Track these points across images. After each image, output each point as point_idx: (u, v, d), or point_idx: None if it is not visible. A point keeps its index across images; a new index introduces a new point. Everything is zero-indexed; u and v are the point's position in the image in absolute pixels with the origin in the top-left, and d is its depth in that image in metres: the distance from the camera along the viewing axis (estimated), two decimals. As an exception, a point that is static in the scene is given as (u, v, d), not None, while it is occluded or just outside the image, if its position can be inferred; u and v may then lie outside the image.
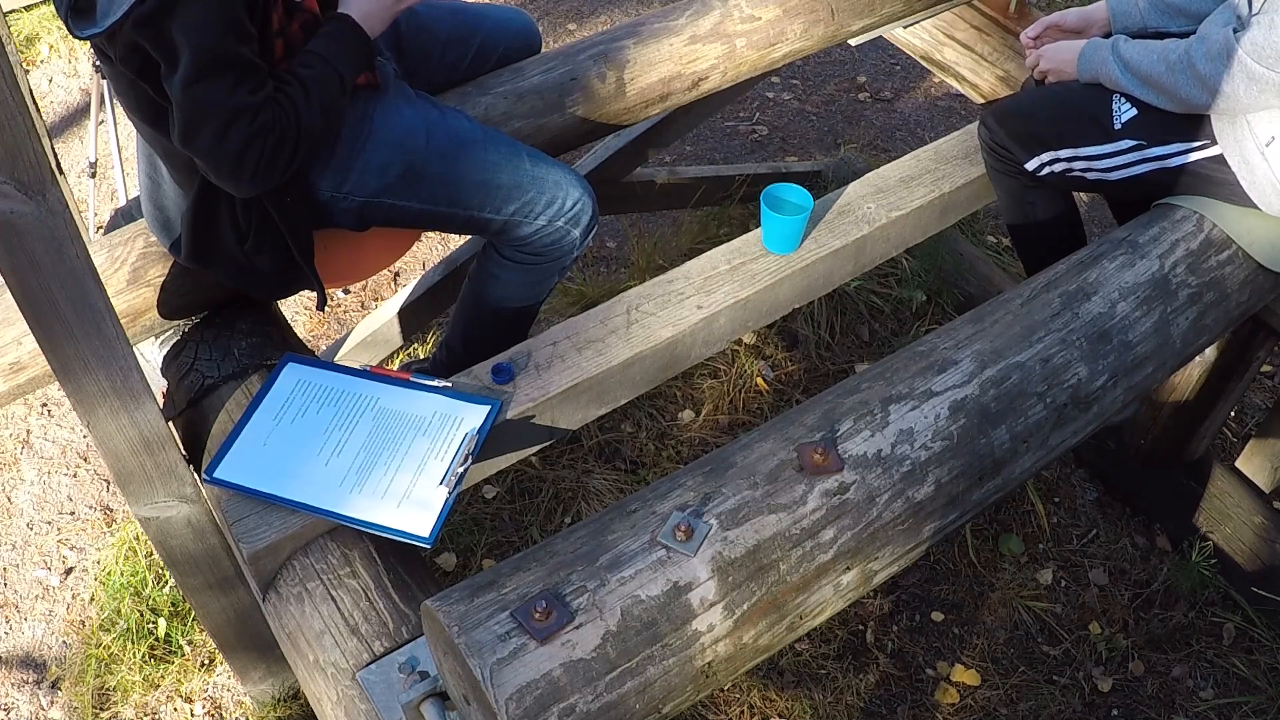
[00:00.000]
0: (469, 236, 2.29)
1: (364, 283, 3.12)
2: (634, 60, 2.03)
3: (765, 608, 1.27)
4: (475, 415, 1.57)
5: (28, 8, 3.94)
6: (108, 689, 2.24)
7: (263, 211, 1.62)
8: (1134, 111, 1.74)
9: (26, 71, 3.66)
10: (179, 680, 2.25)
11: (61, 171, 1.17)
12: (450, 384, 1.62)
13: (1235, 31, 1.58)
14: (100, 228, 2.99)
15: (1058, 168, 1.83)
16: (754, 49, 2.14)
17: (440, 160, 1.69)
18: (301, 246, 1.67)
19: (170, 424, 1.56)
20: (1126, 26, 1.88)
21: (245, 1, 1.43)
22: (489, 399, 1.59)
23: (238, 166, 1.46)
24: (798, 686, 2.27)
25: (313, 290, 1.76)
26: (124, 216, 1.91)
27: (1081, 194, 2.81)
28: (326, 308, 3.05)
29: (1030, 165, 1.86)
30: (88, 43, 3.70)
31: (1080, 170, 1.82)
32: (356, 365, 1.73)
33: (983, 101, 2.46)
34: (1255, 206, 1.72)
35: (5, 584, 2.43)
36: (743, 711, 2.22)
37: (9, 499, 2.59)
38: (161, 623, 2.30)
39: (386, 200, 1.69)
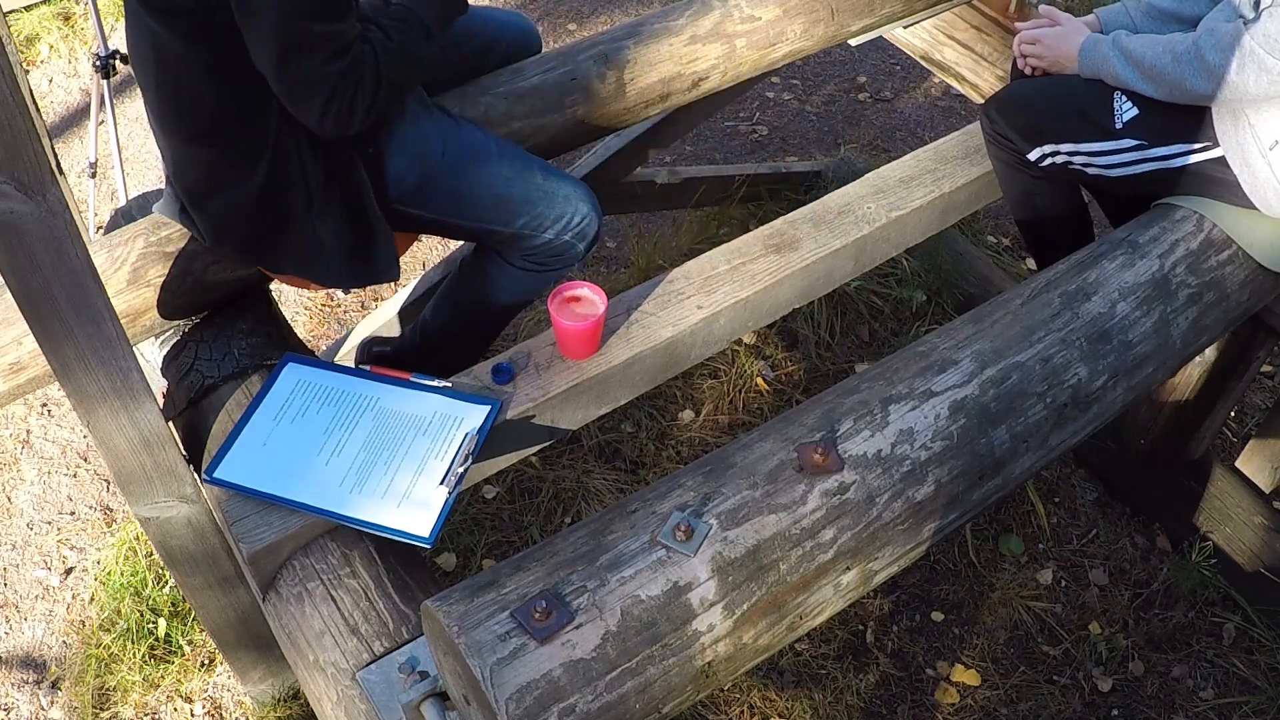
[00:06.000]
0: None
1: (364, 283, 3.11)
2: (634, 60, 2.03)
3: (765, 608, 1.27)
4: (475, 415, 1.57)
5: (28, 8, 3.94)
6: (108, 689, 2.24)
7: (332, 178, 1.62)
8: (1135, 111, 1.74)
9: (26, 71, 3.66)
10: (179, 680, 2.25)
11: (61, 171, 1.17)
12: (450, 384, 1.62)
13: (1244, 24, 1.59)
14: (100, 228, 2.99)
15: (1059, 159, 1.84)
16: (754, 49, 2.14)
17: (454, 172, 1.70)
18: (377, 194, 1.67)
19: (170, 424, 1.56)
20: None
21: None
22: (489, 399, 1.59)
23: (327, 102, 1.47)
24: (798, 686, 2.27)
25: (380, 279, 1.73)
26: (124, 216, 1.91)
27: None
28: (327, 308, 3.05)
29: (1032, 156, 1.86)
30: (91, 44, 3.68)
31: (1080, 164, 1.82)
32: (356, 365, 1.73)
33: (982, 101, 2.45)
34: (1255, 208, 1.72)
35: (5, 584, 2.43)
36: (743, 711, 2.22)
37: (9, 499, 2.59)
38: (161, 623, 2.30)
39: (398, 208, 1.70)
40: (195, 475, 1.62)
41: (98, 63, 2.63)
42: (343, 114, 1.49)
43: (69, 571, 2.45)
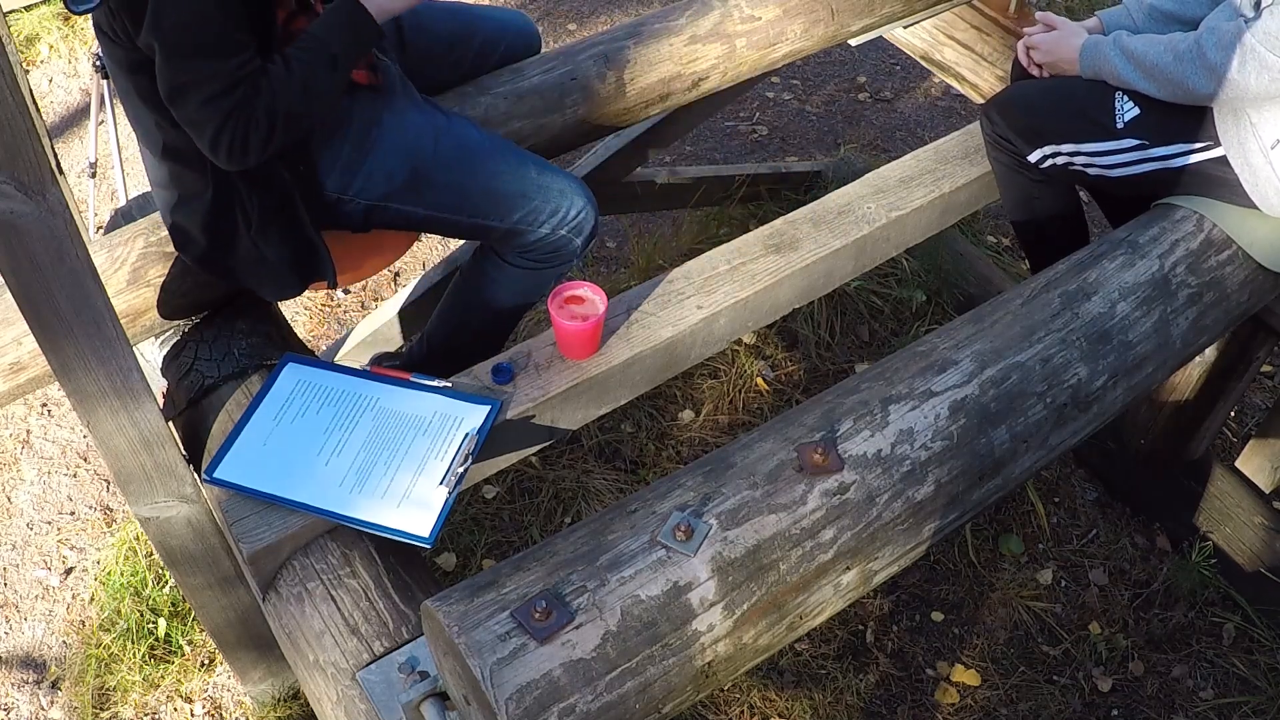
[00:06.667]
0: (469, 237, 2.29)
1: (364, 283, 3.12)
2: (634, 60, 2.03)
3: (765, 608, 1.27)
4: (475, 415, 1.57)
5: (28, 8, 3.94)
6: (108, 689, 2.24)
7: (265, 195, 1.62)
8: (1137, 110, 1.74)
9: (26, 71, 3.66)
10: (179, 680, 2.25)
11: (61, 171, 1.17)
12: (450, 384, 1.62)
13: (1245, 23, 1.59)
14: (100, 228, 2.99)
15: (1060, 160, 1.84)
16: (754, 49, 2.14)
17: (446, 168, 1.70)
18: (313, 216, 1.66)
19: (170, 424, 1.56)
20: None
21: None
22: (489, 399, 1.59)
23: (216, 137, 1.46)
24: (798, 686, 2.27)
25: (321, 279, 1.74)
26: (124, 216, 1.91)
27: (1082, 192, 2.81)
28: (328, 308, 3.05)
29: (1032, 158, 1.86)
30: (91, 44, 3.69)
31: (1081, 165, 1.82)
32: (356, 365, 1.73)
33: (983, 102, 2.45)
34: (1256, 207, 1.72)
35: (5, 584, 2.43)
36: (743, 711, 2.22)
37: (9, 499, 2.59)
38: (161, 623, 2.30)
39: (392, 205, 1.70)
40: (195, 475, 1.62)
41: (98, 63, 2.63)
42: (235, 147, 1.48)
43: (69, 571, 2.45)
